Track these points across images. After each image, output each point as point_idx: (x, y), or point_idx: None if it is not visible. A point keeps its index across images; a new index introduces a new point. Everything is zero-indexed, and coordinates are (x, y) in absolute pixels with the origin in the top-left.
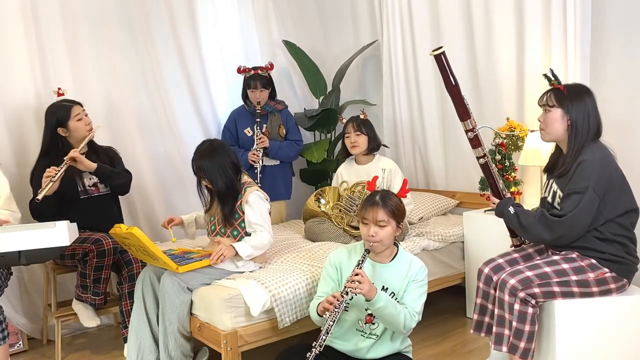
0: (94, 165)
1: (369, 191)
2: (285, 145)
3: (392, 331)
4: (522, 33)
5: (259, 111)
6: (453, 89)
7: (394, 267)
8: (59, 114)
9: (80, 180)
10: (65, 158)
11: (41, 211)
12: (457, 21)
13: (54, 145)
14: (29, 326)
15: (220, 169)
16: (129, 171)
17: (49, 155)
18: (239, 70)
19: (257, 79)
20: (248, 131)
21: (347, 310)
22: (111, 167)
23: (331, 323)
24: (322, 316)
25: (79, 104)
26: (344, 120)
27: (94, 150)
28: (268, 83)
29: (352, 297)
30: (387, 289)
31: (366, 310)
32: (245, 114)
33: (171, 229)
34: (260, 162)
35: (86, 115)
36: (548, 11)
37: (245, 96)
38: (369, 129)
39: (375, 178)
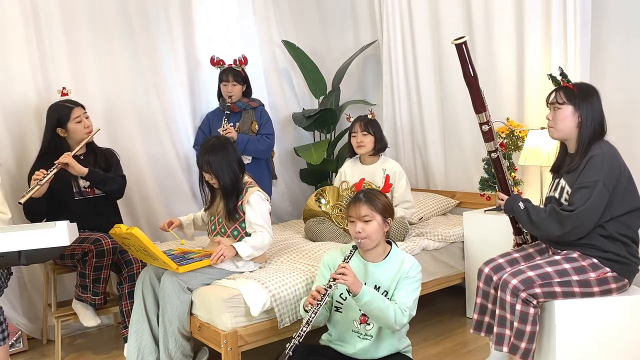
0: (85, 170)
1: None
2: (255, 139)
3: (389, 330)
4: (522, 33)
5: (228, 104)
6: (471, 80)
7: (386, 265)
8: (59, 114)
9: (75, 181)
10: (55, 162)
11: (32, 210)
12: (457, 21)
13: (52, 145)
14: (29, 326)
15: (226, 164)
16: (123, 176)
17: (46, 154)
18: (212, 61)
19: (229, 72)
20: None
21: (341, 312)
22: (106, 169)
23: (312, 315)
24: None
25: (81, 105)
26: (352, 119)
27: (92, 151)
28: (241, 78)
29: (336, 288)
30: (379, 287)
31: (360, 310)
32: (219, 115)
33: (173, 231)
34: None
35: (87, 118)
36: (548, 11)
37: (219, 94)
38: (376, 129)
39: (362, 180)
